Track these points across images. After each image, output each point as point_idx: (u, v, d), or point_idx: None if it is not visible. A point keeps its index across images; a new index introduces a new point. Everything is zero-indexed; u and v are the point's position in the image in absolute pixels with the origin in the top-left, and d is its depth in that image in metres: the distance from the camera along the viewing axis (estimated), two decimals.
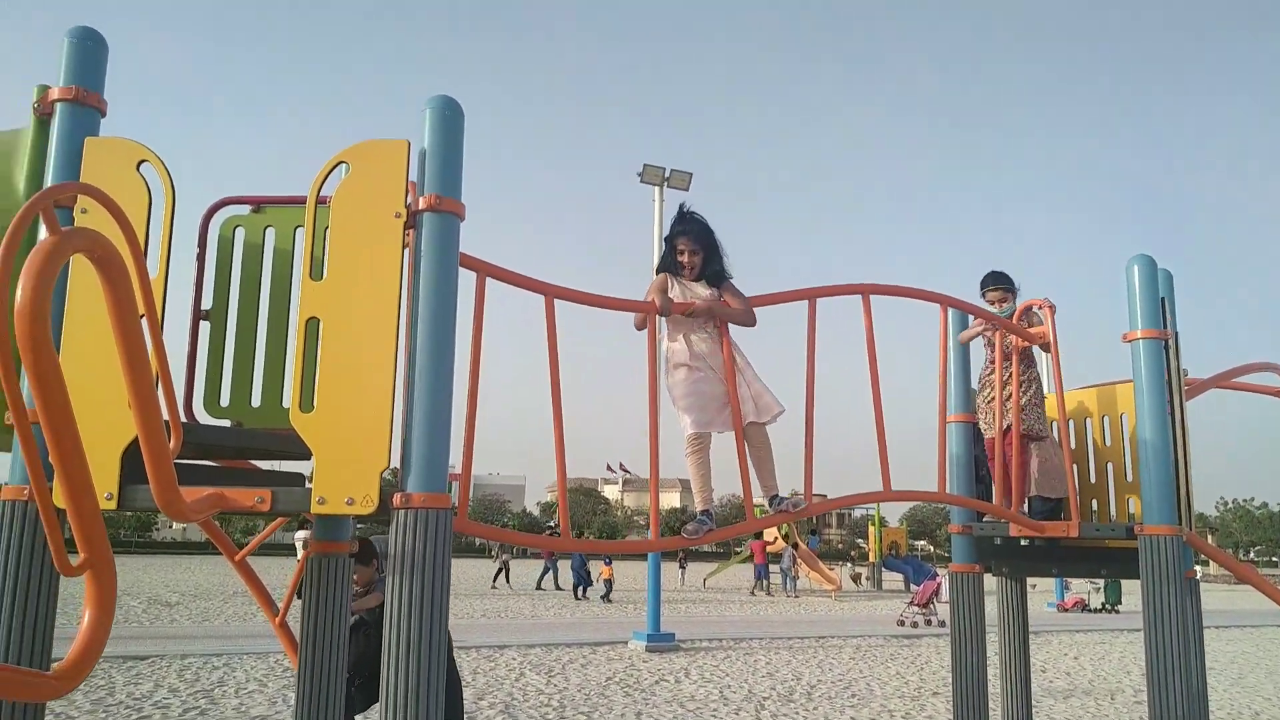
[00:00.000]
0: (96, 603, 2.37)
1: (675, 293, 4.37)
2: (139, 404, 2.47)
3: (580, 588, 28.40)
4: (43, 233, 2.06)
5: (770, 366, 4.38)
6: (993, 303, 5.97)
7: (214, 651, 12.84)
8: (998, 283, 6.06)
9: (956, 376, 5.98)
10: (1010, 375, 5.69)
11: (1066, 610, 28.14)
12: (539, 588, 32.10)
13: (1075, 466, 5.97)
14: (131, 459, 3.09)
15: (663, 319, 4.30)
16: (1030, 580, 6.77)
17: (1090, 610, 28.07)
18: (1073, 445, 6.02)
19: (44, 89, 3.30)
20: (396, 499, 2.99)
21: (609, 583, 28.28)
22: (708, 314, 4.28)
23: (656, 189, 17.05)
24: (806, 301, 4.46)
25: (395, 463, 3.11)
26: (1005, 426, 5.64)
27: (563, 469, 3.84)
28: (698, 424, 4.23)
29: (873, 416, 4.62)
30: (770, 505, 4.39)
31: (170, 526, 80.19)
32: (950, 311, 5.49)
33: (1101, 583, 28.66)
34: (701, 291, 4.35)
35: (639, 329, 4.22)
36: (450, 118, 3.20)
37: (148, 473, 2.55)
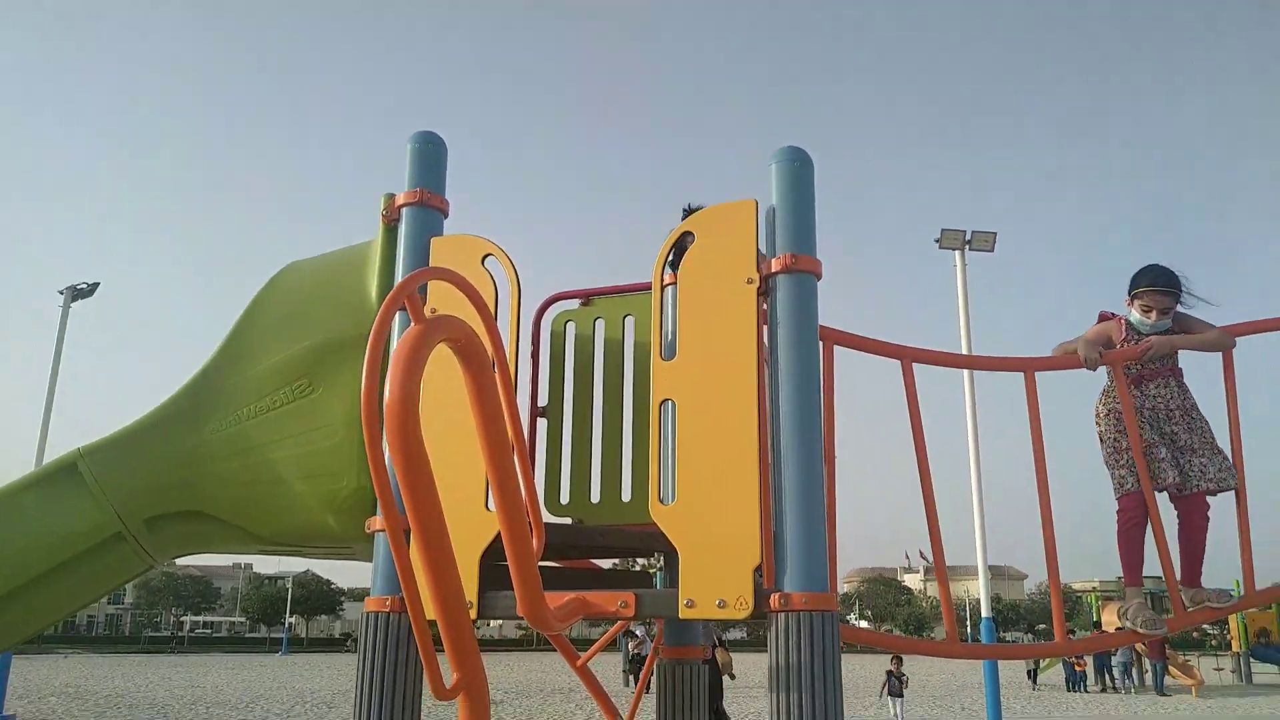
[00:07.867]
0: None
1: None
2: (503, 502, 2.27)
3: None
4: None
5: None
6: (1146, 310, 3.92)
7: None
8: (1159, 284, 3.90)
9: None
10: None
11: None
12: None
13: None
14: (486, 563, 2.94)
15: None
16: None
17: None
18: None
19: (390, 197, 3.36)
20: (774, 600, 2.62)
21: None
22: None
23: (957, 253, 16.01)
24: None
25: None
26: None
27: (939, 554, 3.36)
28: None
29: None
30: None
31: (488, 624, 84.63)
32: None
33: None
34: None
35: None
36: (800, 169, 2.90)
37: (512, 578, 2.34)
